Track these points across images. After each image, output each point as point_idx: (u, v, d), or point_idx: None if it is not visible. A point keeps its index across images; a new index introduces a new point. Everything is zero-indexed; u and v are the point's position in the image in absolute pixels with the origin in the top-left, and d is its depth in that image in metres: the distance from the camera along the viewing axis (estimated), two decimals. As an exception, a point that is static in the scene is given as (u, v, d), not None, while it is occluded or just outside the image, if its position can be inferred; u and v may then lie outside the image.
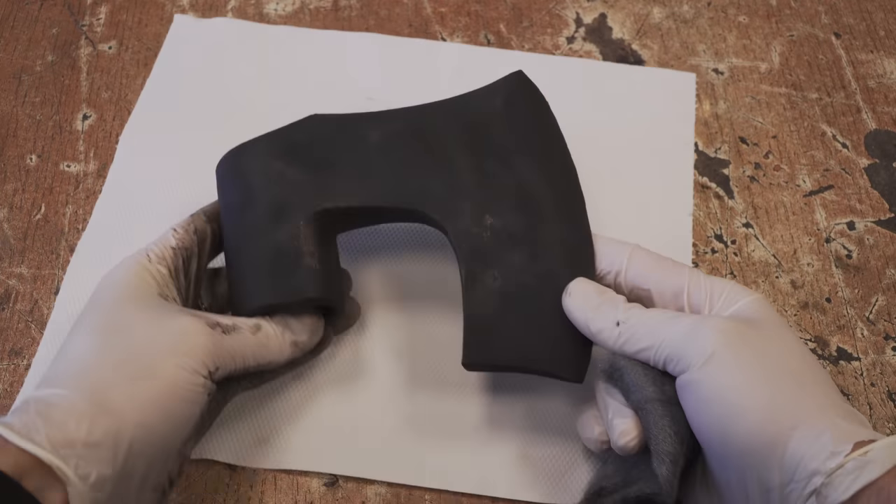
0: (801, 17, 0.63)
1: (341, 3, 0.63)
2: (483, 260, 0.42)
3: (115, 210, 0.52)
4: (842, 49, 0.61)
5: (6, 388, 0.46)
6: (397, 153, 0.44)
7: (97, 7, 0.62)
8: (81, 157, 0.55)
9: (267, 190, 0.43)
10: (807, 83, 0.59)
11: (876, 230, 0.53)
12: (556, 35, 0.61)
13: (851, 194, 0.54)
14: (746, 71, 0.59)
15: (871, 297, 0.50)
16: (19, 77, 0.59)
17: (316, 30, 0.61)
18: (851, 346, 0.48)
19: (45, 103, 0.57)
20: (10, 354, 0.47)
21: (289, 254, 0.41)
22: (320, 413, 0.45)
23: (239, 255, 0.42)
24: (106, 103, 0.57)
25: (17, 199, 0.53)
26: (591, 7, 0.63)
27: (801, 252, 0.52)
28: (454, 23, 0.62)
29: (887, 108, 0.58)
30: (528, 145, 0.45)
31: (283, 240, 0.42)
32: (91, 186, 0.54)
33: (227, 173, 0.44)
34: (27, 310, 0.49)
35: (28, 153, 0.55)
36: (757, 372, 0.36)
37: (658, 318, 0.39)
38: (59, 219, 0.52)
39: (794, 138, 0.56)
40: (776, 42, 0.61)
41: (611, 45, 0.61)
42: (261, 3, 0.62)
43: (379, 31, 0.61)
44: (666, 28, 0.62)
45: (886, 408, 0.46)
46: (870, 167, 0.55)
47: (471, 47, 0.60)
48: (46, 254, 0.51)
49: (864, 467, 0.31)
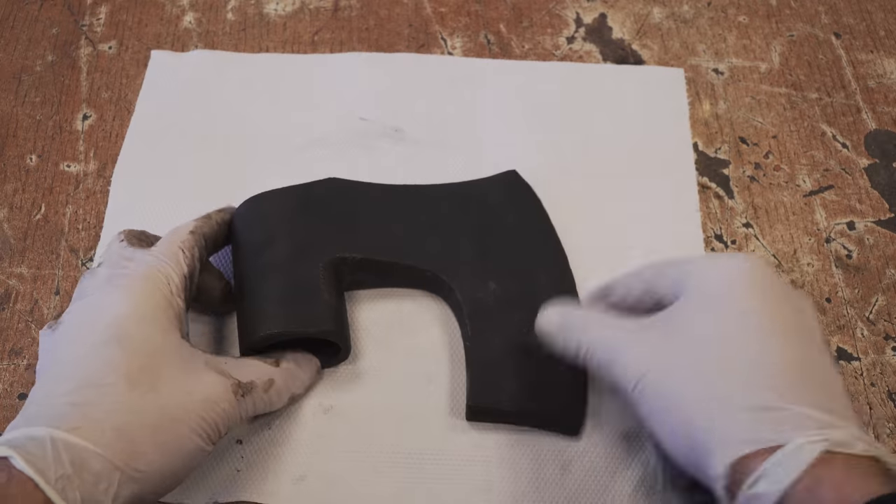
0: (801, 17, 0.63)
1: (341, 3, 0.63)
2: (488, 318, 0.46)
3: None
4: (842, 49, 0.61)
5: (6, 388, 0.46)
6: (410, 221, 0.48)
7: (97, 7, 0.62)
8: (81, 157, 0.55)
9: (289, 233, 0.46)
10: (807, 83, 0.59)
11: (876, 230, 0.53)
12: (556, 35, 0.61)
13: (851, 194, 0.54)
14: (746, 71, 0.59)
15: (871, 297, 0.50)
16: (19, 77, 0.59)
17: (296, 55, 0.60)
18: (851, 347, 0.48)
19: (45, 103, 0.57)
20: (10, 354, 0.47)
21: (307, 290, 0.44)
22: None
23: (255, 288, 0.44)
24: (106, 103, 0.57)
25: (17, 199, 0.53)
26: (591, 7, 0.63)
27: (801, 252, 0.52)
28: (454, 23, 0.62)
29: (887, 108, 0.58)
30: (524, 228, 0.49)
31: (302, 277, 0.44)
32: (91, 186, 0.54)
33: (248, 214, 0.47)
34: (27, 310, 0.49)
35: (28, 153, 0.55)
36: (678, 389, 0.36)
37: (611, 338, 0.40)
38: (59, 219, 0.52)
39: (794, 138, 0.56)
40: (776, 42, 0.61)
41: (611, 45, 0.61)
42: (261, 3, 0.62)
43: (379, 32, 0.61)
44: (666, 28, 0.62)
45: (886, 408, 0.46)
46: (870, 167, 0.55)
47: (458, 59, 0.60)
48: (46, 254, 0.51)
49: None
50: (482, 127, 0.56)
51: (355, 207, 0.48)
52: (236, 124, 0.56)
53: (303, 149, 0.55)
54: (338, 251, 0.46)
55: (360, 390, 0.46)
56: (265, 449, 0.44)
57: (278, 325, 0.43)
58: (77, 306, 0.41)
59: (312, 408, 0.45)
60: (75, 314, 0.40)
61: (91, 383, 0.36)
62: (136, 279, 0.40)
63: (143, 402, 0.36)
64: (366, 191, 0.50)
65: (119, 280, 0.41)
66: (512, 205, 0.50)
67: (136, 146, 0.55)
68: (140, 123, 0.56)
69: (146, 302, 0.40)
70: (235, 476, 0.43)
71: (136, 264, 0.41)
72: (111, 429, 0.35)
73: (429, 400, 0.46)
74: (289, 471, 0.43)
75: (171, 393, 0.37)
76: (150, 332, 0.39)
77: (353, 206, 0.48)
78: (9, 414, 0.45)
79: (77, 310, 0.41)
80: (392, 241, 0.47)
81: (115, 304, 0.39)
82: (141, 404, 0.36)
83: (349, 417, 0.45)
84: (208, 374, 0.39)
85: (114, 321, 0.38)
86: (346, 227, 0.47)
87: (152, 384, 0.37)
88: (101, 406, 0.35)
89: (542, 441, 0.44)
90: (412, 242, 0.47)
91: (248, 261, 0.46)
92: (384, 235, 0.47)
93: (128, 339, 0.38)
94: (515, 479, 0.43)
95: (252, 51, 0.60)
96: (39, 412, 0.35)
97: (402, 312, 0.49)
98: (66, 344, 0.38)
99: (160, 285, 0.40)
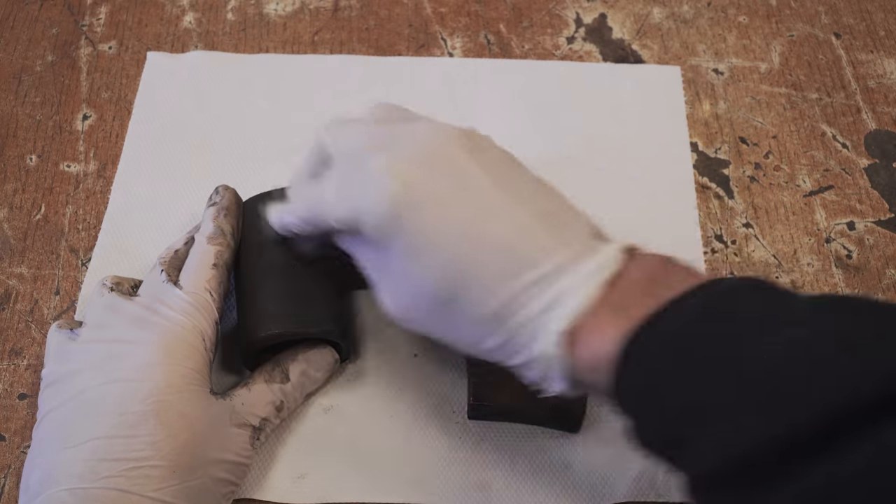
0: (801, 17, 0.63)
1: (341, 3, 0.63)
2: None
3: (115, 260, 0.50)
4: (842, 49, 0.61)
5: (6, 389, 0.46)
6: None
7: (97, 7, 0.62)
8: (81, 158, 0.55)
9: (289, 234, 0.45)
10: (807, 83, 0.59)
11: (876, 230, 0.53)
12: (556, 35, 0.61)
13: (851, 194, 0.54)
14: (746, 71, 0.59)
15: (871, 297, 0.50)
16: (19, 77, 0.59)
17: (294, 55, 0.60)
18: (851, 347, 0.48)
19: (45, 103, 0.57)
20: (10, 354, 0.47)
21: (308, 290, 0.44)
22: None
23: (257, 288, 0.44)
24: (106, 103, 0.57)
25: (17, 199, 0.53)
26: (591, 7, 0.63)
27: (801, 252, 0.52)
28: (454, 23, 0.62)
29: (887, 108, 0.58)
30: None
31: (303, 279, 0.44)
32: (91, 187, 0.54)
33: (248, 215, 0.47)
34: (27, 310, 0.49)
35: (28, 153, 0.55)
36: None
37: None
38: (59, 219, 0.52)
39: (794, 138, 0.56)
40: (776, 42, 0.61)
41: (611, 46, 0.61)
42: (261, 3, 0.62)
43: (379, 32, 0.61)
44: (666, 28, 0.62)
45: (886, 408, 0.46)
46: (870, 167, 0.55)
47: (457, 59, 0.60)
48: (46, 254, 0.51)
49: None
50: (480, 126, 0.56)
51: None
52: (236, 125, 0.56)
53: (302, 149, 0.55)
54: (339, 250, 0.46)
55: (361, 390, 0.46)
56: (266, 447, 0.44)
57: (279, 326, 0.43)
58: (104, 349, 0.40)
59: (313, 407, 0.45)
60: (101, 357, 0.40)
61: (135, 465, 0.36)
62: (173, 339, 0.40)
63: (183, 486, 0.37)
64: None
65: (152, 331, 0.40)
66: None
67: (136, 148, 0.55)
68: (139, 125, 0.56)
69: (184, 363, 0.40)
70: None
71: (170, 311, 0.41)
72: (150, 489, 0.36)
73: (429, 399, 0.46)
74: (290, 468, 0.43)
75: (206, 471, 0.38)
76: (188, 404, 0.39)
77: None
78: (9, 414, 0.45)
79: (104, 353, 0.40)
80: None
81: (152, 369, 0.39)
82: (180, 488, 0.37)
83: (349, 417, 0.45)
84: (233, 432, 0.40)
85: (151, 394, 0.38)
86: None
87: (192, 467, 0.38)
88: (147, 491, 0.36)
89: (543, 439, 0.44)
90: None
91: (248, 261, 0.46)
92: None
93: (167, 413, 0.38)
94: (516, 479, 0.43)
95: (252, 51, 0.60)
96: (87, 494, 0.36)
97: None
98: (98, 402, 0.38)
99: (197, 344, 0.40)
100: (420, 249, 0.35)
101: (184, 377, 0.39)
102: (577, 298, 0.32)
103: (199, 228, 0.46)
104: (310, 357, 0.44)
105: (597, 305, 0.32)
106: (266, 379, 0.42)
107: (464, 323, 0.35)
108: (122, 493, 0.36)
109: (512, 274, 0.34)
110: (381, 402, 0.46)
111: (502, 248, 0.34)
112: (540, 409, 0.43)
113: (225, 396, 0.41)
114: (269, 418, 0.42)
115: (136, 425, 0.37)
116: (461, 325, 0.35)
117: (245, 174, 0.53)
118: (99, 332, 0.41)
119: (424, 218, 0.35)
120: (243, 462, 0.40)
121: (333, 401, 0.45)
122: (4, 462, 0.44)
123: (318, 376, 0.44)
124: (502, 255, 0.34)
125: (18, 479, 0.42)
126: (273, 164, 0.54)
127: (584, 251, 0.34)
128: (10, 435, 0.45)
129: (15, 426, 0.45)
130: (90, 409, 0.38)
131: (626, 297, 0.32)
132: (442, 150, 0.37)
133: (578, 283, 0.33)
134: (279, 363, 0.43)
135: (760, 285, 0.31)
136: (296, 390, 0.43)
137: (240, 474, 0.40)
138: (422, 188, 0.36)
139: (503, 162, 0.38)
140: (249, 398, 0.41)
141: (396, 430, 0.45)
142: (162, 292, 0.42)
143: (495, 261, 0.34)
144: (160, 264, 0.44)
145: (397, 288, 0.37)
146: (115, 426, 0.37)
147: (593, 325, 0.32)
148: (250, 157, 0.55)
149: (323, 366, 0.44)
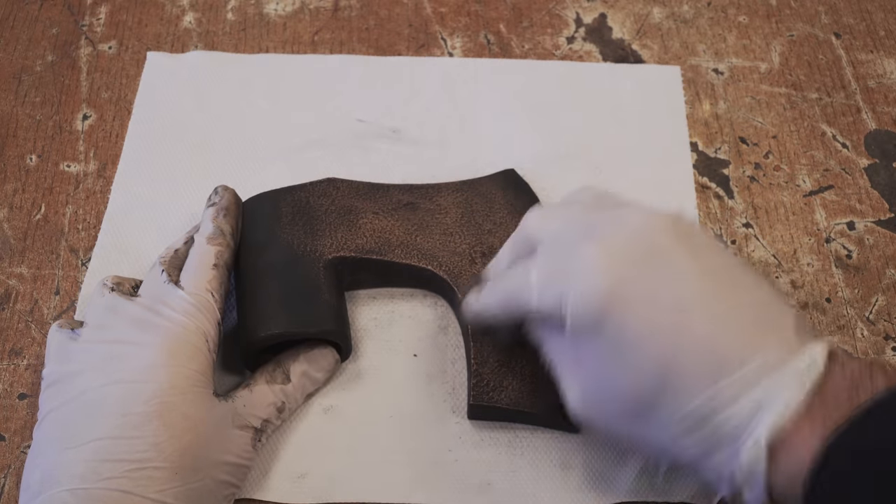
0: (801, 17, 0.63)
1: (341, 3, 0.63)
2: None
3: (115, 260, 0.50)
4: (842, 49, 0.61)
5: (6, 389, 0.46)
6: (410, 220, 0.48)
7: (97, 7, 0.62)
8: (81, 158, 0.55)
9: (289, 234, 0.46)
10: (807, 83, 0.59)
11: (876, 230, 0.53)
12: (556, 35, 0.61)
13: (851, 194, 0.54)
14: (746, 71, 0.59)
15: (871, 297, 0.50)
16: (19, 77, 0.59)
17: (294, 55, 0.59)
18: (851, 347, 0.48)
19: (45, 103, 0.57)
20: (10, 354, 0.47)
21: (308, 290, 0.44)
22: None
23: (257, 288, 0.44)
24: (106, 103, 0.57)
25: (17, 199, 0.53)
26: (591, 7, 0.63)
27: (801, 252, 0.52)
28: (454, 23, 0.62)
29: (887, 108, 0.58)
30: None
31: (302, 278, 0.44)
32: (91, 187, 0.54)
33: (247, 215, 0.47)
34: (27, 310, 0.49)
35: (28, 153, 0.55)
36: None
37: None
38: (59, 219, 0.52)
39: (794, 138, 0.56)
40: (776, 42, 0.61)
41: (611, 46, 0.61)
42: (261, 3, 0.62)
43: (379, 32, 0.61)
44: (666, 28, 0.62)
45: (886, 408, 0.46)
46: (870, 167, 0.55)
47: (457, 59, 0.60)
48: (46, 254, 0.51)
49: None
50: (480, 126, 0.56)
51: (355, 207, 0.48)
52: (236, 125, 0.56)
53: (302, 149, 0.55)
54: (337, 251, 0.46)
55: (361, 390, 0.46)
56: (266, 447, 0.44)
57: (279, 326, 0.43)
58: (105, 349, 0.40)
59: (313, 407, 0.45)
60: (102, 357, 0.40)
61: (137, 466, 0.36)
62: (176, 341, 0.40)
63: (185, 489, 0.37)
64: (365, 190, 0.50)
65: (155, 333, 0.40)
66: (510, 203, 0.50)
67: (136, 148, 0.55)
68: (139, 125, 0.56)
69: (188, 365, 0.39)
70: None
71: (172, 312, 0.41)
72: (153, 491, 0.36)
73: (429, 399, 0.46)
74: (290, 469, 0.43)
75: (208, 473, 0.38)
76: (191, 405, 0.39)
77: (353, 206, 0.48)
78: (9, 414, 0.45)
79: (106, 353, 0.40)
80: (392, 241, 0.47)
81: (156, 371, 0.39)
82: (182, 490, 0.37)
83: (349, 417, 0.45)
84: (235, 434, 0.40)
85: (155, 395, 0.38)
86: (346, 227, 0.47)
87: (194, 469, 0.38)
88: (149, 492, 0.36)
89: (543, 439, 0.44)
90: (412, 242, 0.48)
91: (248, 261, 0.46)
92: (384, 235, 0.48)
93: (170, 415, 0.38)
94: (516, 478, 0.43)
95: (252, 51, 0.60)
96: (88, 495, 0.36)
97: (402, 312, 0.49)
98: (100, 403, 0.38)
99: (200, 345, 0.40)
100: (623, 348, 0.34)
101: (188, 379, 0.39)
102: (784, 403, 0.31)
103: (199, 229, 0.46)
104: (311, 357, 0.44)
105: (802, 413, 0.31)
106: (267, 380, 0.42)
107: (660, 422, 0.34)
108: (124, 494, 0.36)
109: (717, 371, 0.32)
110: (381, 402, 0.46)
111: (707, 344, 0.33)
112: (540, 409, 0.43)
113: (227, 398, 0.41)
114: (271, 419, 0.42)
115: (140, 426, 0.37)
116: (656, 425, 0.34)
117: (245, 174, 0.53)
118: (100, 332, 0.41)
119: (633, 315, 0.34)
120: (245, 464, 0.40)
121: (333, 401, 0.45)
122: (4, 462, 0.44)
123: (319, 377, 0.44)
124: (707, 351, 0.33)
125: (18, 479, 0.42)
126: (273, 164, 0.54)
127: (790, 350, 0.33)
128: (10, 435, 0.45)
129: (15, 426, 0.45)
130: (92, 410, 0.38)
131: (830, 405, 0.31)
132: (653, 240, 0.36)
133: (784, 386, 0.32)
134: (280, 364, 0.43)
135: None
136: (297, 391, 0.43)
137: (241, 476, 0.40)
138: (632, 284, 0.34)
139: (710, 249, 0.37)
140: (251, 399, 0.41)
141: (396, 430, 0.45)
142: (164, 293, 0.42)
143: (700, 356, 0.33)
144: (160, 264, 0.44)
145: (590, 385, 0.36)
146: (118, 427, 0.37)
147: (797, 435, 0.31)
148: (250, 157, 0.55)
149: (324, 366, 0.44)
